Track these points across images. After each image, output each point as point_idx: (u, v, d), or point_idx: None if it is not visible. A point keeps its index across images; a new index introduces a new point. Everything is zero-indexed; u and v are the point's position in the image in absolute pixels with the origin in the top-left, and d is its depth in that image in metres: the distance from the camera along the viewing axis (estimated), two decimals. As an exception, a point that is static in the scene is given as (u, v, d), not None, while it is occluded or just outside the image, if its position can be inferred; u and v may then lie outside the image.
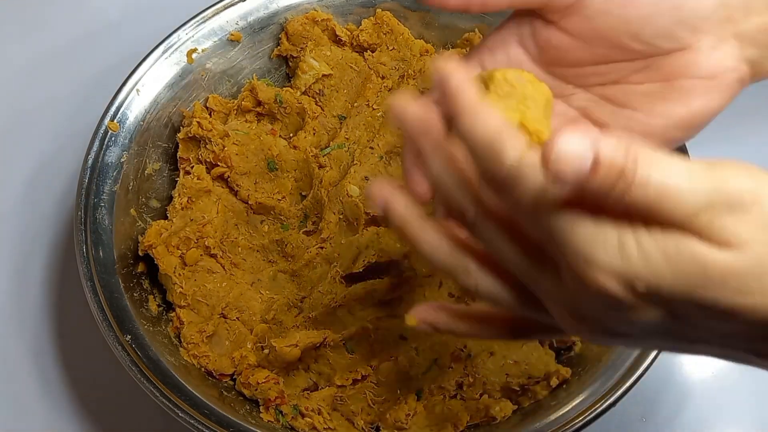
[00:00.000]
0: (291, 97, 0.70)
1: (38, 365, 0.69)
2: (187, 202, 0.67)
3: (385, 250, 0.63)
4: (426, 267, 0.65)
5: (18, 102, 0.80)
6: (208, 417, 0.57)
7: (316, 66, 0.71)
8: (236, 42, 0.71)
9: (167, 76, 0.69)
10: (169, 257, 0.64)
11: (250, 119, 0.70)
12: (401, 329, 0.63)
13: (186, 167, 0.68)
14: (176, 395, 0.57)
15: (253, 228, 0.68)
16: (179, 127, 0.69)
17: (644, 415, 0.68)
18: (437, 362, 0.62)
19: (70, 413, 0.67)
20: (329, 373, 0.62)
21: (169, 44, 0.69)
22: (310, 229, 0.68)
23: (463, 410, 0.60)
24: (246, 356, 0.63)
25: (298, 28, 0.72)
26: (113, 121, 0.66)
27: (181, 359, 0.62)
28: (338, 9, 0.73)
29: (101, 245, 0.62)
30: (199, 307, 0.64)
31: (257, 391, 0.61)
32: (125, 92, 0.67)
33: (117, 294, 0.61)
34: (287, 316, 0.65)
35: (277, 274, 0.67)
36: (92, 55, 0.82)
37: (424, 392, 0.61)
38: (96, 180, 0.64)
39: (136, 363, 0.58)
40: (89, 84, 0.80)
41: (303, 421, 0.61)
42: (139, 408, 0.66)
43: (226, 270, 0.66)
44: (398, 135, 0.70)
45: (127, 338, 0.59)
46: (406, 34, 0.73)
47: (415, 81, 0.70)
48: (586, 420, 0.57)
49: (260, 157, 0.69)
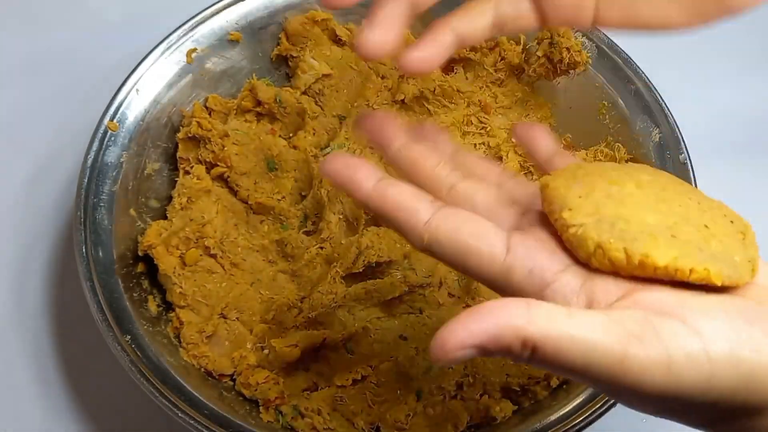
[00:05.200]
0: (291, 97, 0.70)
1: (38, 365, 0.69)
2: (187, 202, 0.66)
3: (385, 250, 0.63)
4: (426, 267, 0.65)
5: (17, 102, 0.80)
6: (207, 417, 0.57)
7: (315, 66, 0.71)
8: (236, 42, 0.71)
9: (167, 75, 0.68)
10: (169, 257, 0.64)
11: (249, 119, 0.70)
12: (401, 329, 0.63)
13: (185, 167, 0.68)
14: (176, 395, 0.57)
15: (253, 228, 0.68)
16: (179, 126, 0.69)
17: (644, 415, 0.67)
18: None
19: (69, 413, 0.67)
20: (329, 373, 0.62)
21: (169, 44, 0.69)
22: (310, 229, 0.68)
23: (463, 410, 0.60)
24: (246, 356, 0.62)
25: (298, 28, 0.72)
26: (113, 120, 0.66)
27: (181, 359, 0.62)
28: (338, 9, 0.73)
29: (101, 245, 0.62)
30: (198, 308, 0.64)
31: (257, 391, 0.61)
32: (125, 92, 0.66)
33: (116, 294, 0.61)
34: (287, 316, 0.65)
35: (277, 274, 0.67)
36: (92, 55, 0.82)
37: (424, 392, 0.61)
38: (95, 180, 0.64)
39: (136, 363, 0.58)
40: (89, 84, 0.80)
41: (303, 421, 0.60)
42: (139, 408, 0.66)
43: (226, 270, 0.66)
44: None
45: (126, 338, 0.59)
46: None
47: (415, 81, 0.69)
48: (586, 420, 0.57)
49: (260, 157, 0.68)
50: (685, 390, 0.32)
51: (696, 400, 0.32)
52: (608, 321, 0.32)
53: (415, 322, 0.64)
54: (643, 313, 0.33)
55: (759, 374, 0.32)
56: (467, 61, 0.71)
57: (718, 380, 0.32)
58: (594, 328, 0.32)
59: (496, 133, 0.70)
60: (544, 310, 0.32)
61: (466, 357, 0.32)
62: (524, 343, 0.31)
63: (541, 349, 0.32)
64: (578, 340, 0.31)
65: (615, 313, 0.33)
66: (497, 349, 0.32)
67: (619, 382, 0.32)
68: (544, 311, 0.32)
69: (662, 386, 0.32)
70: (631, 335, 0.32)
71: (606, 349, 0.31)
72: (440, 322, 0.64)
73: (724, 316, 0.33)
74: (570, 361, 0.32)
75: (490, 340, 0.32)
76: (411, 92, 0.69)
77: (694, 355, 0.32)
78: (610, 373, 0.32)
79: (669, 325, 0.32)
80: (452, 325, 0.32)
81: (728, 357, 0.32)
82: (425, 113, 0.70)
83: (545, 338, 0.31)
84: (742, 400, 0.33)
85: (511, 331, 0.31)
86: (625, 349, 0.32)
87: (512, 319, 0.32)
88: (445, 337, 0.32)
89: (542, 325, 0.32)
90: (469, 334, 0.32)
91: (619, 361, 0.31)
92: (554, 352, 0.31)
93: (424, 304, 0.64)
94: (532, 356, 0.32)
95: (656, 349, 0.32)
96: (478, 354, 0.32)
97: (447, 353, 0.32)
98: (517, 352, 0.32)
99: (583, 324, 0.32)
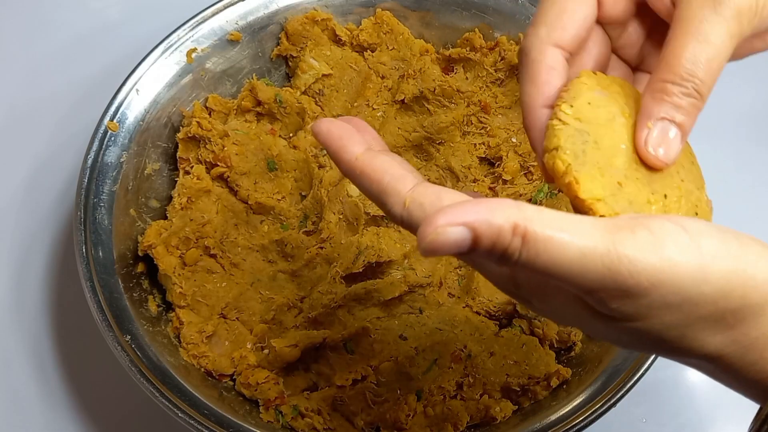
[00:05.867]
0: (291, 97, 0.70)
1: (38, 365, 0.69)
2: (187, 202, 0.66)
3: (385, 250, 0.63)
4: (426, 267, 0.65)
5: (17, 101, 0.80)
6: (207, 417, 0.57)
7: (315, 66, 0.71)
8: (236, 42, 0.71)
9: (167, 75, 0.68)
10: (169, 257, 0.64)
11: (249, 119, 0.70)
12: (401, 329, 0.63)
13: (185, 167, 0.68)
14: (176, 395, 0.57)
15: (253, 228, 0.68)
16: (179, 126, 0.69)
17: (645, 416, 0.68)
18: (437, 362, 0.62)
19: (69, 413, 0.67)
20: (329, 373, 0.62)
21: (169, 44, 0.69)
22: (310, 229, 0.68)
23: (463, 410, 0.60)
24: (246, 356, 0.62)
25: (298, 28, 0.72)
26: (113, 120, 0.65)
27: (181, 359, 0.62)
28: (338, 9, 0.73)
29: (101, 245, 0.62)
30: (198, 308, 0.64)
31: (257, 391, 0.61)
32: (125, 92, 0.66)
33: (116, 294, 0.61)
34: (287, 316, 0.65)
35: (277, 274, 0.67)
36: (92, 55, 0.82)
37: (424, 392, 0.61)
38: (95, 180, 0.64)
39: (136, 363, 0.58)
40: (89, 84, 0.80)
41: (303, 421, 0.61)
42: (139, 408, 0.66)
43: (226, 270, 0.66)
44: (398, 135, 0.70)
45: (126, 338, 0.59)
46: (406, 34, 0.73)
47: (415, 81, 0.69)
48: (586, 420, 0.57)
49: (260, 157, 0.68)
50: (680, 278, 0.32)
51: (693, 295, 0.32)
52: (596, 220, 0.32)
53: (415, 322, 0.64)
54: (629, 217, 0.33)
55: (752, 268, 0.33)
56: (467, 61, 0.71)
57: (712, 271, 0.32)
58: (583, 221, 0.32)
59: (496, 133, 0.70)
60: (534, 207, 0.32)
61: (456, 240, 0.31)
62: (515, 229, 0.31)
63: (532, 237, 0.31)
64: (569, 225, 0.31)
65: (604, 218, 0.33)
66: (489, 235, 0.31)
67: (615, 271, 0.31)
68: (534, 207, 0.32)
69: (659, 273, 0.32)
70: (621, 227, 0.32)
71: (597, 237, 0.31)
72: (440, 322, 0.64)
73: (707, 224, 0.34)
74: (563, 251, 0.31)
75: (482, 221, 0.31)
76: (411, 92, 0.69)
77: (684, 243, 0.32)
78: (605, 261, 0.31)
79: (656, 221, 0.33)
80: (443, 209, 0.32)
81: (717, 248, 0.32)
82: (425, 113, 0.70)
83: (535, 225, 0.31)
84: (739, 296, 0.33)
85: (502, 215, 0.31)
86: (615, 235, 0.31)
87: (502, 207, 0.32)
88: (436, 216, 0.31)
89: (532, 215, 0.31)
90: (462, 214, 0.31)
91: (612, 245, 0.31)
92: (545, 240, 0.31)
93: (424, 304, 0.64)
94: (522, 250, 0.31)
95: (646, 236, 0.32)
96: (469, 242, 0.31)
97: (436, 229, 0.31)
98: (507, 241, 0.31)
99: (571, 217, 0.32)
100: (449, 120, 0.69)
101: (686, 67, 0.36)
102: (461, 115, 0.69)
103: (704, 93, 0.36)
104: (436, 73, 0.70)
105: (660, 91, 0.37)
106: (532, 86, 0.38)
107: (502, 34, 0.71)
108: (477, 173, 0.69)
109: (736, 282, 0.33)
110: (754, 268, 0.33)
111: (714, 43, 0.36)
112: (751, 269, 0.33)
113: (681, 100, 0.36)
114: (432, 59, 0.72)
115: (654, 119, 0.37)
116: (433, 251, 0.31)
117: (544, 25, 0.39)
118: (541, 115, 0.38)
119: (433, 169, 0.70)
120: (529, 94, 0.39)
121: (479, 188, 0.68)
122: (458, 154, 0.69)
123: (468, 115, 0.70)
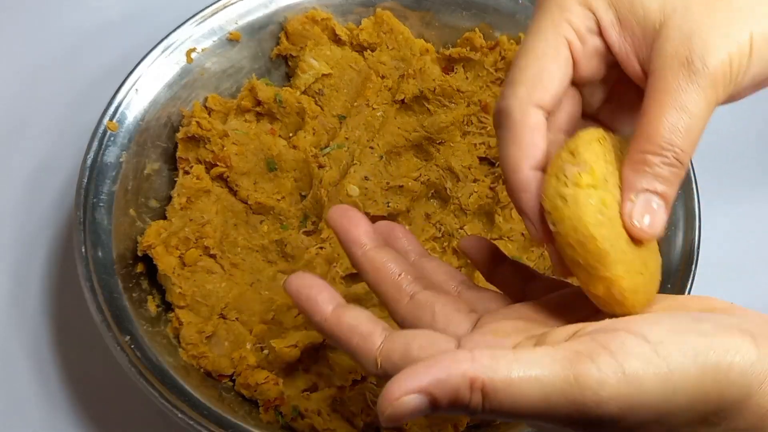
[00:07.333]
0: (291, 97, 0.70)
1: (37, 365, 0.69)
2: (186, 202, 0.66)
3: (385, 250, 0.63)
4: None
5: (17, 102, 0.80)
6: (207, 417, 0.57)
7: (315, 65, 0.71)
8: (236, 41, 0.71)
9: (166, 75, 0.68)
10: (168, 257, 0.64)
11: (249, 119, 0.70)
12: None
13: (185, 167, 0.68)
14: (175, 396, 0.57)
15: (253, 228, 0.68)
16: (178, 126, 0.69)
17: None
18: (437, 363, 0.61)
19: (69, 414, 0.67)
20: (329, 373, 0.62)
21: (169, 44, 0.69)
22: (310, 229, 0.68)
23: (463, 411, 0.60)
24: (245, 357, 0.62)
25: (298, 28, 0.72)
26: (112, 120, 0.65)
27: (181, 360, 0.62)
28: (338, 8, 0.73)
29: (100, 245, 0.62)
30: (198, 308, 0.64)
31: (257, 391, 0.61)
32: (124, 92, 0.66)
33: (116, 294, 0.61)
34: (287, 317, 0.64)
35: (277, 274, 0.67)
36: (92, 55, 0.82)
37: (424, 393, 0.61)
38: (95, 180, 0.64)
39: (135, 363, 0.58)
40: (89, 84, 0.80)
41: (302, 422, 0.60)
42: (139, 408, 0.66)
43: (226, 270, 0.66)
44: (398, 134, 0.70)
45: (126, 339, 0.59)
46: (406, 34, 0.73)
47: (415, 80, 0.69)
48: (586, 421, 0.57)
49: (260, 156, 0.68)
50: (650, 397, 0.31)
51: (669, 408, 0.32)
52: (553, 349, 0.32)
53: (415, 323, 0.63)
54: (589, 336, 0.33)
55: (723, 365, 0.32)
56: (467, 60, 0.71)
57: (681, 380, 0.31)
58: (541, 356, 0.32)
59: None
60: (488, 352, 0.32)
61: (414, 407, 0.31)
62: (472, 384, 0.31)
63: (490, 388, 0.31)
64: (526, 368, 0.31)
65: (561, 344, 0.33)
66: (446, 396, 0.31)
67: (580, 405, 0.31)
68: (488, 353, 0.32)
69: (626, 397, 0.31)
70: (580, 354, 0.31)
71: (557, 373, 0.31)
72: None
73: (669, 319, 0.33)
74: (525, 395, 0.31)
75: (436, 384, 0.31)
76: (411, 92, 0.69)
77: (647, 357, 0.31)
78: (568, 397, 0.31)
79: (615, 338, 0.32)
80: (398, 376, 0.32)
81: (684, 353, 0.32)
82: (425, 113, 0.70)
83: (492, 375, 0.31)
84: (716, 397, 0.32)
85: (456, 373, 0.31)
86: (575, 368, 0.31)
87: (457, 363, 0.31)
88: (392, 387, 0.31)
89: (487, 363, 0.31)
90: (415, 380, 0.31)
91: (574, 379, 0.31)
92: (505, 388, 0.31)
93: (424, 304, 0.64)
94: (484, 402, 0.31)
95: (607, 360, 0.31)
96: (427, 405, 0.31)
97: (393, 403, 0.31)
98: (467, 398, 0.31)
99: (528, 355, 0.32)
100: (449, 120, 0.69)
101: (666, 137, 0.36)
102: (461, 114, 0.69)
103: (685, 162, 0.36)
104: (436, 73, 0.70)
105: (641, 162, 0.36)
106: (516, 148, 0.38)
107: (503, 34, 0.71)
108: (477, 173, 0.69)
109: (710, 385, 0.32)
110: (727, 365, 0.32)
111: (692, 112, 0.35)
112: (724, 366, 0.32)
113: (662, 169, 0.36)
114: (432, 59, 0.72)
115: (636, 192, 0.36)
116: (395, 422, 0.32)
117: (523, 85, 0.38)
118: (529, 177, 0.38)
119: (433, 169, 0.69)
120: (514, 156, 0.38)
121: (479, 188, 0.68)
122: (458, 154, 0.69)
123: (468, 114, 0.70)
